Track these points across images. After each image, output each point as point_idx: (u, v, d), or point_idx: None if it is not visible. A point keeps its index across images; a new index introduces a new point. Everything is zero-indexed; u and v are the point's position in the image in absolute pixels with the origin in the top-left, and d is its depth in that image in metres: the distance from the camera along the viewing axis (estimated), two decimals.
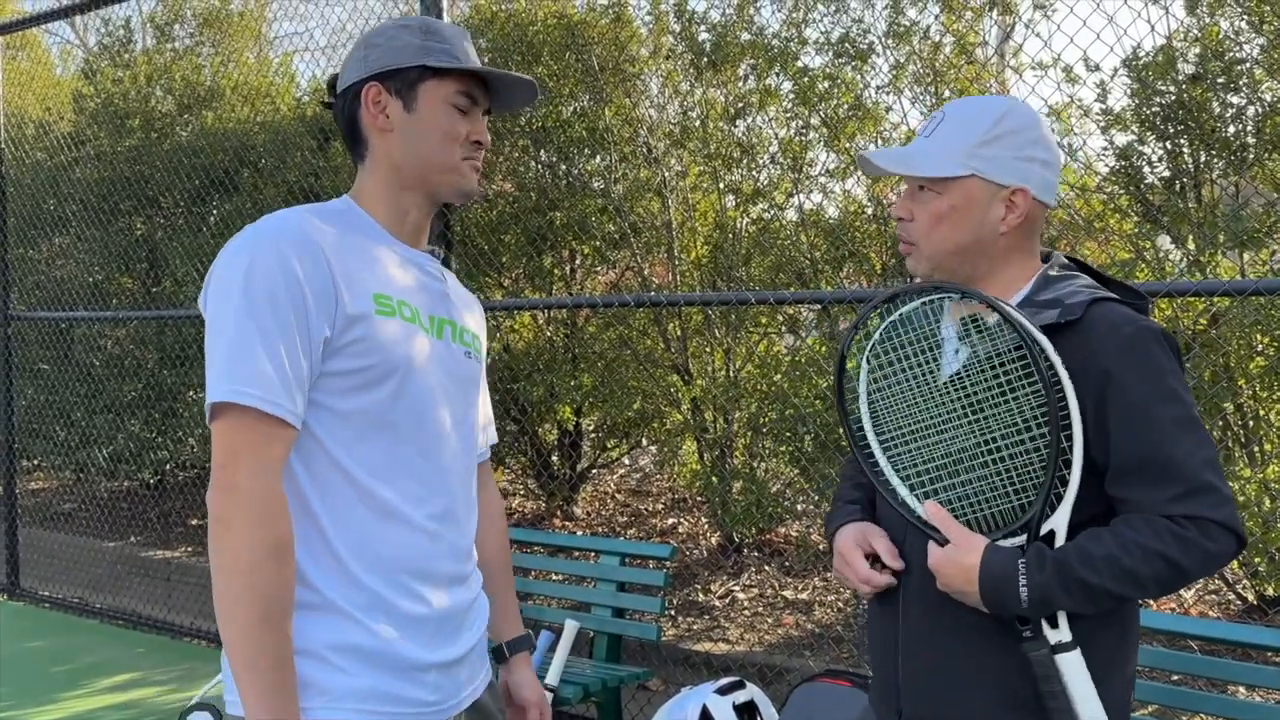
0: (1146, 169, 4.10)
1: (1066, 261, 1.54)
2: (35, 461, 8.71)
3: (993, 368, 1.44)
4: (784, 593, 5.23)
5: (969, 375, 1.45)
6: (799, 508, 5.54)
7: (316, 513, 1.44)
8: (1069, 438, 1.38)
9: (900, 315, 1.53)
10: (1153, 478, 1.36)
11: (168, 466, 7.53)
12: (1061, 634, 1.39)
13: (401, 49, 1.53)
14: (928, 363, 1.50)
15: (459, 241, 5.44)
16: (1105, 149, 4.16)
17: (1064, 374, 1.38)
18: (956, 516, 1.45)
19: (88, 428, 7.48)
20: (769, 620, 4.92)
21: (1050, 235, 4.43)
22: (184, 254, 6.95)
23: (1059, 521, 1.39)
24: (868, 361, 1.55)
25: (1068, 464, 1.38)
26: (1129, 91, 4.06)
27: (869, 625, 1.60)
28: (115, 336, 7.41)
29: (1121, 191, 4.18)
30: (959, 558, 1.40)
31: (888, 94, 4.80)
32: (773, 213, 5.34)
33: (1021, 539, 1.40)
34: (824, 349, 5.02)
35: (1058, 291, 1.45)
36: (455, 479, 1.56)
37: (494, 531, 1.80)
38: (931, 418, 1.48)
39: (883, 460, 1.52)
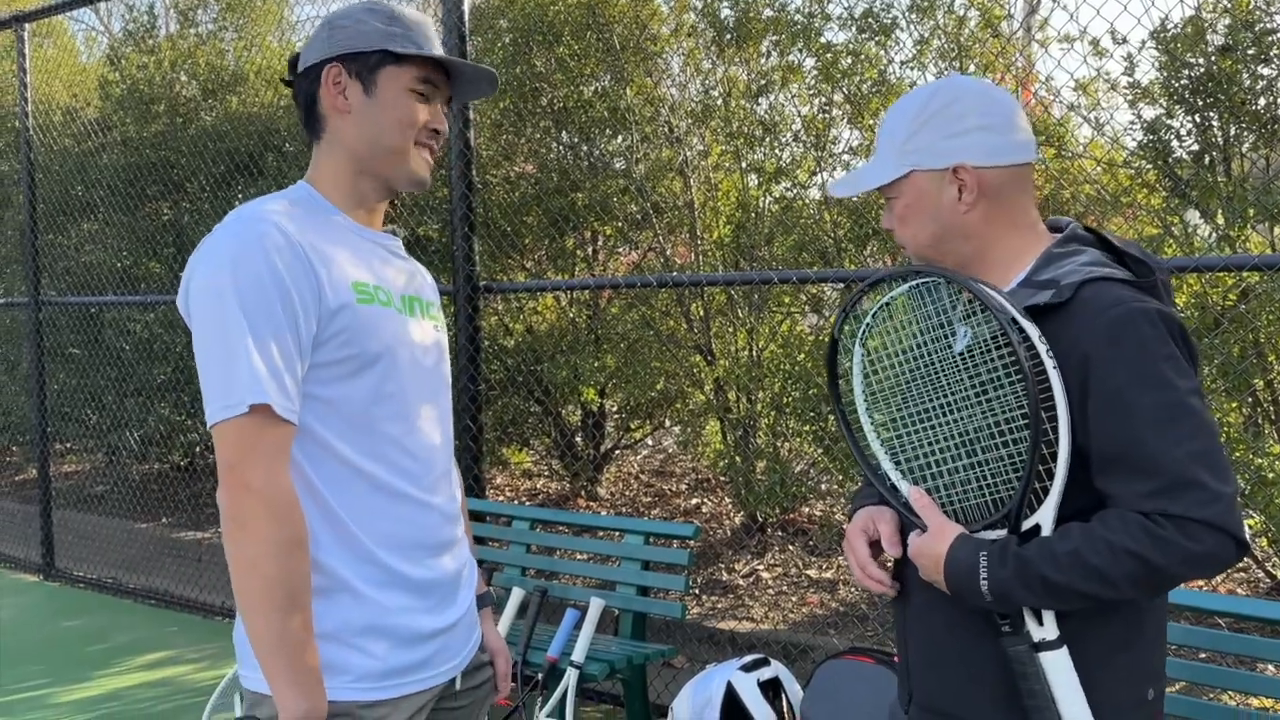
0: (1175, 143, 4.05)
1: (1080, 233, 1.46)
2: (68, 445, 8.84)
3: (972, 356, 1.41)
4: (808, 572, 5.24)
5: (964, 361, 1.42)
6: (823, 487, 5.54)
7: (325, 498, 1.49)
8: (1054, 429, 1.32)
9: (894, 296, 1.51)
10: (1131, 471, 1.29)
11: (198, 449, 7.63)
12: (1046, 631, 1.33)
13: (365, 32, 1.55)
14: (921, 347, 1.48)
15: (481, 224, 5.46)
16: (1133, 123, 4.11)
17: (1049, 361, 1.31)
18: (949, 504, 1.42)
19: (118, 411, 7.58)
20: (793, 599, 4.93)
21: (1077, 211, 4.38)
22: None
23: (1044, 515, 1.33)
24: (861, 345, 1.53)
25: (1054, 456, 1.32)
26: (1157, 64, 4.00)
27: (893, 607, 1.59)
28: (144, 320, 7.48)
29: (1149, 166, 4.13)
30: (931, 546, 1.38)
31: (912, 69, 4.76)
32: (796, 191, 5.31)
33: (1003, 531, 1.36)
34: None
35: (1057, 270, 1.39)
36: (439, 448, 1.62)
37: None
38: (925, 402, 1.45)
39: (876, 444, 1.50)
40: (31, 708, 4.12)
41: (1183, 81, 3.96)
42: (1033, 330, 1.32)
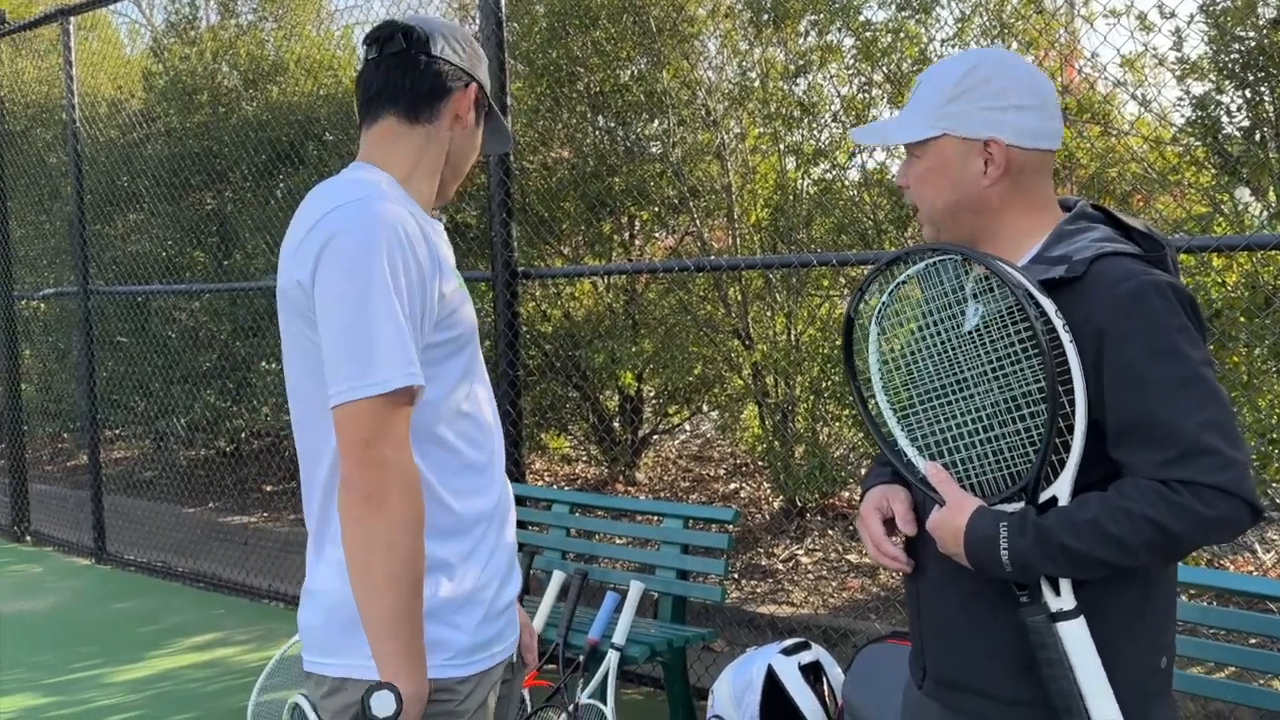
0: (1225, 119, 3.96)
1: (1089, 211, 1.47)
2: (117, 431, 9.02)
3: (988, 331, 1.41)
4: (848, 556, 5.22)
5: (979, 336, 1.43)
6: (862, 472, 5.50)
7: (425, 475, 1.51)
8: (1071, 402, 1.33)
9: (909, 275, 1.52)
10: (1145, 441, 1.31)
11: (243, 435, 7.74)
12: (1064, 601, 1.34)
13: (488, 79, 1.72)
14: (936, 324, 1.48)
15: (518, 209, 5.47)
16: (1181, 99, 4.02)
17: (1065, 335, 1.33)
18: (966, 479, 1.43)
19: (165, 398, 7.72)
20: (833, 584, 4.91)
21: (1124, 190, 4.30)
22: (253, 227, 7.10)
23: (1061, 487, 1.35)
24: (877, 323, 1.55)
25: (1070, 429, 1.34)
26: (1206, 38, 3.91)
27: (905, 584, 1.60)
28: (189, 309, 7.61)
29: (1198, 143, 4.04)
30: (950, 519, 1.39)
31: (953, 47, 4.69)
32: (835, 173, 5.27)
33: (1020, 504, 1.37)
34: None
35: (1069, 246, 1.40)
36: (496, 419, 1.69)
37: None
38: (942, 379, 1.46)
39: (892, 421, 1.52)
40: (87, 687, 4.23)
41: (1233, 55, 3.87)
42: (1048, 304, 1.34)
